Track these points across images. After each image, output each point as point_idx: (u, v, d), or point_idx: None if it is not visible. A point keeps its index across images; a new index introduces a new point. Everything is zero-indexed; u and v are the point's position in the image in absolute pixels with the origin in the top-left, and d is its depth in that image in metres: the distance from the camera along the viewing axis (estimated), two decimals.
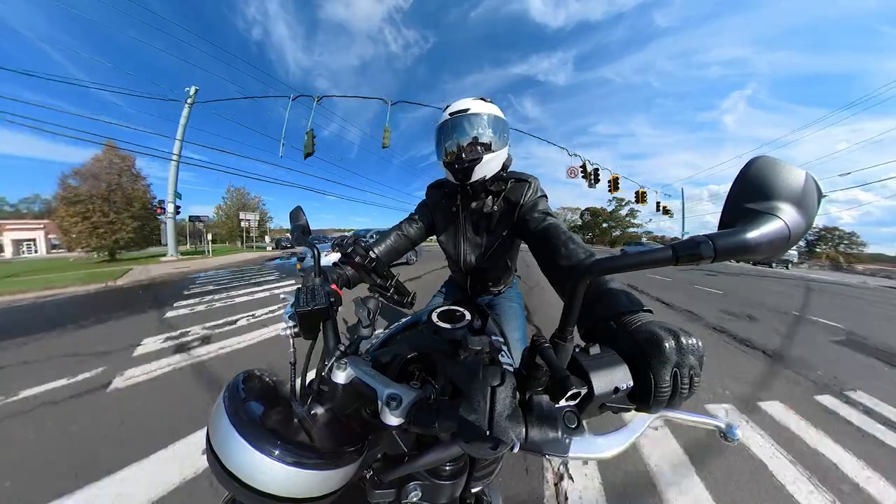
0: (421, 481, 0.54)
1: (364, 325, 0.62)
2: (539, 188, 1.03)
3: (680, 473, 1.64)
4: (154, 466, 1.63)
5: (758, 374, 2.96)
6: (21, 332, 4.01)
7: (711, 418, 0.38)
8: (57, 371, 2.79)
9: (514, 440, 0.34)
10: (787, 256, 10.49)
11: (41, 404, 2.27)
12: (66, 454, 1.73)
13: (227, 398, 0.43)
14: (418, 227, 1.20)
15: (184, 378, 2.69)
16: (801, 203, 0.32)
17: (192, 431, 1.90)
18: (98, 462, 1.65)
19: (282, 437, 0.40)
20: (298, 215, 0.79)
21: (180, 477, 1.56)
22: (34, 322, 4.60)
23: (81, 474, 1.56)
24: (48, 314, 5.13)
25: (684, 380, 0.37)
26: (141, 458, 1.68)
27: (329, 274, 0.84)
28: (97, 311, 5.10)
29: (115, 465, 1.62)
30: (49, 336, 3.89)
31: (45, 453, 1.74)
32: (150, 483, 1.53)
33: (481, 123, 0.95)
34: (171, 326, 4.13)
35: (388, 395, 0.43)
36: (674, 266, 0.32)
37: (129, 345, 3.43)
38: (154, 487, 1.50)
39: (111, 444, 1.81)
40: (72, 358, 3.11)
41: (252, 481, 0.37)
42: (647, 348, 0.39)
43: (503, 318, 1.23)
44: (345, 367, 0.49)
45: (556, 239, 0.78)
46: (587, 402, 0.37)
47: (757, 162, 0.34)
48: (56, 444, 1.81)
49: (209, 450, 0.40)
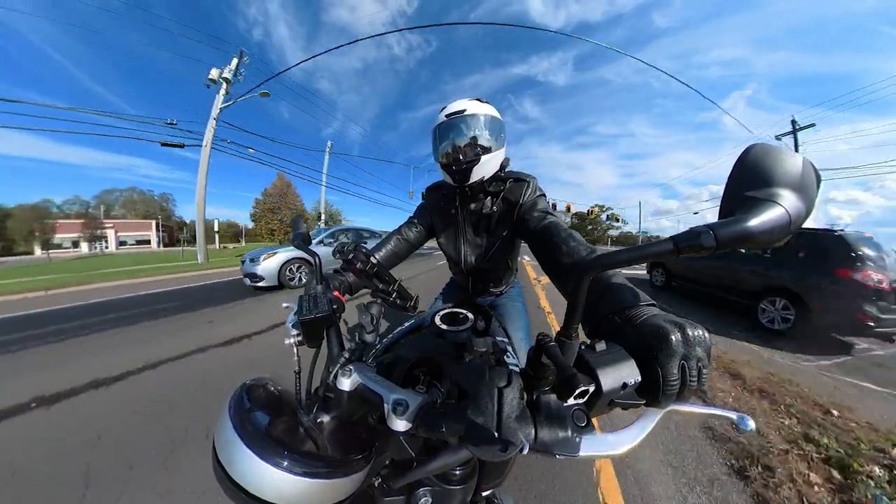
0: (430, 487, 0.54)
1: (368, 331, 0.61)
2: (537, 187, 1.03)
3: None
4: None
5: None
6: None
7: (723, 410, 0.38)
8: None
9: (524, 441, 0.34)
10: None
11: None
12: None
13: (232, 409, 0.43)
14: (418, 230, 1.20)
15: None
16: (800, 189, 0.32)
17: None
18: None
19: (288, 446, 0.40)
20: (299, 223, 0.79)
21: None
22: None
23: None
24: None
25: (692, 372, 0.36)
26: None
27: (331, 281, 0.83)
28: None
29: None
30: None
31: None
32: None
33: (478, 124, 0.95)
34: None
35: (394, 400, 0.43)
36: (676, 258, 0.32)
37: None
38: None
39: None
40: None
41: (260, 492, 0.37)
42: (653, 342, 0.38)
43: (506, 318, 1.23)
44: (350, 373, 0.49)
45: (557, 237, 0.77)
46: (596, 400, 0.36)
47: (754, 149, 0.34)
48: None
49: (215, 461, 0.40)
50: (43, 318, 4.68)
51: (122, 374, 2.64)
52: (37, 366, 2.89)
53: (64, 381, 2.51)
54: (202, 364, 2.87)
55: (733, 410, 0.37)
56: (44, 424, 1.98)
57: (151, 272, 9.79)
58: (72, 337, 3.69)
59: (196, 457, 1.65)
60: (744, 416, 0.36)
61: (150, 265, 12.61)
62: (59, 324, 4.27)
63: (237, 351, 3.20)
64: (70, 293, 6.88)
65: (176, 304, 5.40)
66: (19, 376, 2.65)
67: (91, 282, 7.88)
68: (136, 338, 3.62)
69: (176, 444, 1.75)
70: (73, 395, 2.33)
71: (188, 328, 3.97)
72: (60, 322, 4.36)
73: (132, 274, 9.53)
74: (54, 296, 6.61)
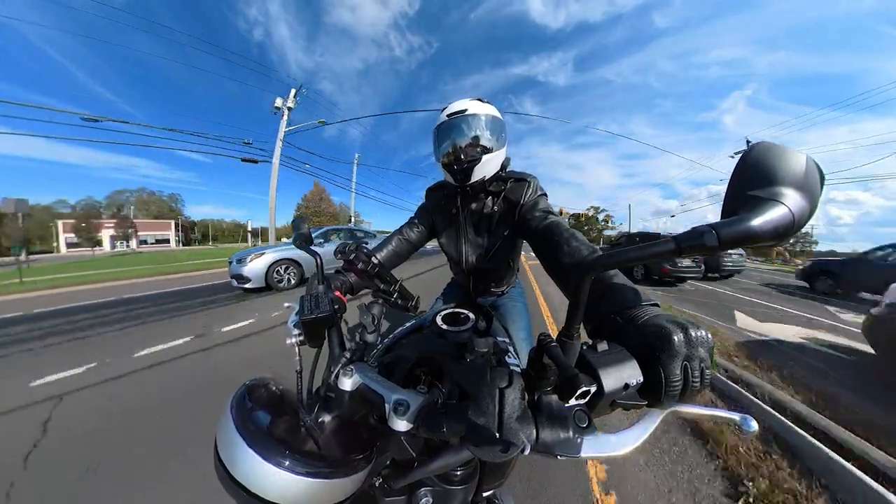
0: (431, 487, 0.54)
1: (369, 331, 0.61)
2: (539, 187, 1.02)
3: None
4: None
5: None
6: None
7: (726, 412, 0.38)
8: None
9: (525, 442, 0.34)
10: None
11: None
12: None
13: (234, 408, 0.43)
14: (419, 230, 1.19)
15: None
16: (803, 187, 0.31)
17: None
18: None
19: (290, 446, 0.40)
20: (301, 224, 0.79)
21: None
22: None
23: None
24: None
25: (695, 373, 0.36)
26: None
27: (332, 281, 0.83)
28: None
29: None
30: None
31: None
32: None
33: (479, 124, 0.95)
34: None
35: (395, 400, 0.43)
36: (678, 257, 0.32)
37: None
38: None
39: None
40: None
41: (261, 492, 0.37)
42: (655, 342, 0.38)
43: (508, 318, 1.23)
44: (351, 373, 0.49)
45: (559, 237, 0.77)
46: (597, 400, 0.36)
47: (757, 147, 0.33)
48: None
49: (217, 460, 0.40)
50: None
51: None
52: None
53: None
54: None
55: (736, 412, 0.37)
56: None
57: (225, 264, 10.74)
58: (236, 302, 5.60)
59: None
60: (747, 417, 0.35)
61: (211, 259, 15.56)
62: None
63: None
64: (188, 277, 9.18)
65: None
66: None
67: (191, 270, 10.47)
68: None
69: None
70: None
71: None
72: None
73: (210, 266, 11.87)
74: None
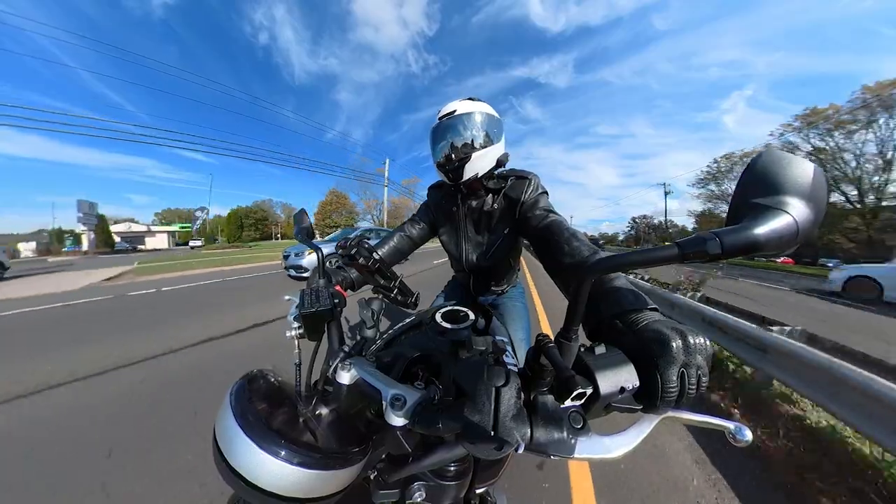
0: (425, 482, 0.54)
1: (368, 326, 0.62)
2: (539, 185, 1.01)
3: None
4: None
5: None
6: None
7: (720, 419, 0.38)
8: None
9: (519, 441, 0.34)
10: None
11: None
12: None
13: (233, 398, 0.43)
14: (421, 227, 1.20)
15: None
16: (809, 197, 0.31)
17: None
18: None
19: (287, 437, 0.40)
20: (303, 218, 0.79)
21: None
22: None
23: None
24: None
25: (692, 380, 0.36)
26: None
27: (333, 276, 0.84)
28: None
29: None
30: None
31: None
32: None
33: (468, 123, 0.95)
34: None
35: (392, 395, 0.43)
36: (681, 264, 0.32)
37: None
38: None
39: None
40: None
41: (258, 481, 0.38)
42: (653, 348, 0.38)
43: (507, 317, 1.23)
44: (349, 367, 0.49)
45: (559, 236, 0.76)
46: (593, 403, 0.36)
47: (764, 155, 0.33)
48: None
49: (215, 449, 0.40)
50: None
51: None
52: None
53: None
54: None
55: (730, 420, 0.37)
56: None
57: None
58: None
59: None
60: (741, 426, 0.35)
61: (250, 255, 17.72)
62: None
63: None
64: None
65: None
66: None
67: (240, 263, 11.82)
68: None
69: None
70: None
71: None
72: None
73: (252, 260, 13.66)
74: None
